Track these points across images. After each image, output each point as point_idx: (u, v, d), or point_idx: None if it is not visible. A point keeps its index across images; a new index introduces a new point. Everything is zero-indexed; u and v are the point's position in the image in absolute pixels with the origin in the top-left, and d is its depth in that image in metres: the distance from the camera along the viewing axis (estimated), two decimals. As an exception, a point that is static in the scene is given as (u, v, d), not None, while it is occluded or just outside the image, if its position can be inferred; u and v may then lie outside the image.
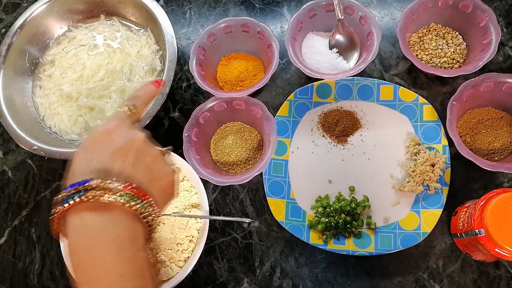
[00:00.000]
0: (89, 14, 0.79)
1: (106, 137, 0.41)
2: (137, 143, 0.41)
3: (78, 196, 0.36)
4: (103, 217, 0.37)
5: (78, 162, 0.39)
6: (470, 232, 0.54)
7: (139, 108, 0.47)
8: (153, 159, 0.42)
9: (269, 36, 0.68)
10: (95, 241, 0.36)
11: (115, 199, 0.37)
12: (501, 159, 0.63)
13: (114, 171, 0.38)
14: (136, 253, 0.37)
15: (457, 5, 0.67)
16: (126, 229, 0.37)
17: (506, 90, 0.62)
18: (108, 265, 0.36)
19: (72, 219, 0.37)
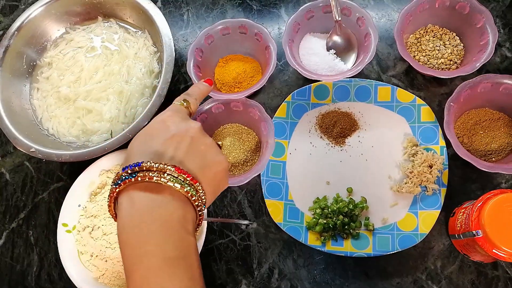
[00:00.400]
0: (87, 16, 0.79)
1: (161, 125, 0.42)
2: (192, 131, 0.43)
3: (130, 178, 0.37)
4: (152, 197, 0.38)
5: (134, 147, 0.41)
6: (467, 233, 0.54)
7: (191, 103, 0.48)
8: (207, 148, 0.43)
9: (267, 37, 0.68)
10: (143, 220, 0.37)
11: (165, 181, 0.37)
12: (498, 160, 0.63)
13: (167, 155, 0.40)
14: (184, 236, 0.38)
15: (454, 6, 0.67)
16: (175, 211, 0.38)
17: (503, 91, 0.62)
18: (156, 244, 0.36)
19: (123, 198, 0.38)
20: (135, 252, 0.36)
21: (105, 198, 0.64)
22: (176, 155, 0.40)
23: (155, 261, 0.36)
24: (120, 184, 0.38)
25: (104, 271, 0.61)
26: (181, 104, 0.47)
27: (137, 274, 0.36)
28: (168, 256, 0.36)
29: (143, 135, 0.42)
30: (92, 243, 0.62)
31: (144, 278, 0.35)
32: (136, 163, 0.38)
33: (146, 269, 0.35)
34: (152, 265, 0.35)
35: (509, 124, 0.64)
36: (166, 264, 0.36)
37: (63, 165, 0.74)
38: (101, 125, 0.71)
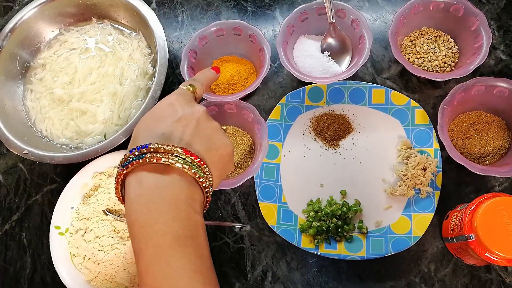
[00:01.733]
0: (81, 17, 0.79)
1: (168, 107, 0.43)
2: (198, 114, 0.43)
3: (137, 159, 0.38)
4: (160, 178, 0.38)
5: (140, 130, 0.41)
6: (460, 237, 0.54)
7: (197, 89, 0.48)
8: (213, 131, 0.43)
9: (261, 39, 0.68)
10: (152, 200, 0.37)
11: (173, 162, 0.38)
12: (492, 163, 0.63)
13: (174, 137, 0.40)
14: (192, 215, 0.38)
15: (448, 8, 0.66)
16: (183, 191, 0.38)
17: (497, 93, 0.61)
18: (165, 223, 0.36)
19: (130, 179, 0.38)
20: (144, 230, 0.36)
21: (98, 201, 0.64)
22: (183, 137, 0.40)
23: (164, 240, 0.36)
24: (128, 166, 0.38)
25: (97, 274, 0.61)
26: (187, 88, 0.47)
27: (146, 252, 0.36)
28: (177, 235, 0.36)
29: (149, 117, 0.42)
30: (85, 246, 0.61)
31: (153, 256, 0.35)
32: (143, 145, 0.38)
33: (155, 247, 0.36)
34: (161, 243, 0.36)
35: (503, 127, 0.64)
36: (175, 242, 0.36)
37: (56, 167, 0.74)
38: (95, 127, 0.71)
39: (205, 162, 0.40)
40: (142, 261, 0.36)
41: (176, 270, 0.35)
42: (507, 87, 0.60)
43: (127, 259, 0.60)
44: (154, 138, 0.40)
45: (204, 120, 0.43)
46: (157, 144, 0.38)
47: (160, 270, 0.35)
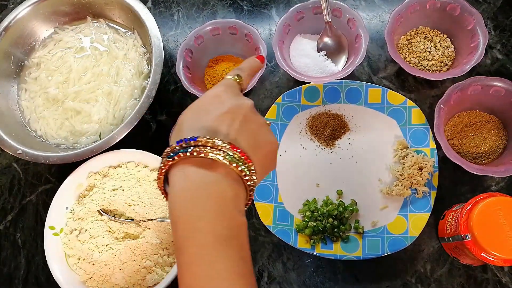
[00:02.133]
0: (76, 16, 0.78)
1: (214, 99, 0.41)
2: (244, 109, 0.41)
3: (184, 152, 0.36)
4: (207, 173, 0.36)
5: (185, 121, 0.40)
6: (456, 237, 0.54)
7: (244, 79, 0.46)
8: (258, 127, 0.41)
9: (257, 38, 0.68)
10: (197, 196, 0.36)
11: (221, 158, 0.36)
12: (488, 163, 0.63)
13: (221, 131, 0.38)
14: (236, 215, 0.37)
15: (445, 7, 0.66)
16: (229, 189, 0.37)
17: (493, 93, 0.61)
18: (209, 221, 0.35)
19: (175, 172, 0.37)
20: (188, 227, 0.35)
21: (93, 201, 0.64)
22: (230, 132, 0.38)
23: (208, 238, 0.35)
24: (174, 157, 0.36)
25: (92, 275, 0.61)
26: (234, 79, 0.45)
27: (190, 250, 0.35)
28: (221, 234, 0.35)
29: (195, 109, 0.41)
30: (79, 246, 0.61)
31: (196, 254, 0.34)
32: (191, 137, 0.37)
33: (199, 245, 0.35)
34: (205, 242, 0.35)
35: (499, 127, 0.64)
36: (218, 242, 0.35)
37: (51, 167, 0.74)
38: (89, 127, 0.70)
39: (251, 159, 0.39)
40: (184, 259, 0.35)
41: (219, 272, 0.34)
42: (503, 86, 0.60)
43: (122, 260, 0.59)
44: (200, 131, 0.38)
45: (250, 115, 0.41)
46: (205, 138, 0.36)
47: (202, 270, 0.34)
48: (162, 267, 0.60)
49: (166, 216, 0.62)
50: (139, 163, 0.66)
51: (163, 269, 0.60)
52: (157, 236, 0.60)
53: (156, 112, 0.74)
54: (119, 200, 0.62)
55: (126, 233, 0.61)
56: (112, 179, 0.65)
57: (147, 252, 0.60)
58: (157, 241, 0.60)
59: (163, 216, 0.62)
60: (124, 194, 0.63)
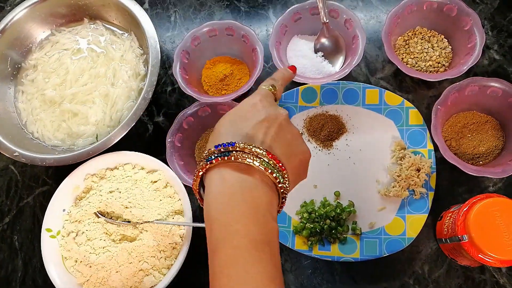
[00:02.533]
0: (72, 17, 0.78)
1: (252, 108, 0.43)
2: (280, 118, 0.43)
3: (222, 156, 0.38)
4: (243, 178, 0.38)
5: (223, 126, 0.42)
6: (454, 238, 0.54)
7: (278, 90, 0.48)
8: (293, 136, 0.43)
9: (254, 39, 0.67)
10: (234, 199, 0.37)
11: (257, 164, 0.38)
12: (486, 163, 0.62)
13: (257, 139, 0.40)
14: (270, 221, 0.38)
15: (442, 8, 0.66)
16: (263, 196, 0.38)
17: (490, 94, 0.61)
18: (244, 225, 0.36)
19: (212, 175, 0.39)
20: (224, 229, 0.36)
21: (90, 203, 0.64)
22: (266, 140, 0.40)
23: (244, 241, 0.36)
24: (212, 161, 0.38)
25: (89, 277, 0.60)
26: (269, 89, 0.47)
27: (224, 251, 0.36)
28: (255, 238, 0.36)
29: (233, 116, 0.42)
30: (76, 249, 0.61)
31: (231, 256, 0.35)
32: (229, 143, 0.39)
33: (233, 248, 0.35)
34: (241, 244, 0.35)
35: (497, 127, 0.63)
36: (253, 247, 0.36)
37: (48, 169, 0.73)
38: (86, 129, 0.70)
39: (285, 168, 0.40)
40: (218, 260, 0.36)
41: (252, 276, 0.35)
42: (500, 87, 0.60)
43: (119, 262, 0.59)
44: (237, 137, 0.40)
45: (286, 125, 0.43)
46: (242, 144, 0.38)
47: (236, 273, 0.35)
48: (159, 270, 0.60)
49: (163, 218, 0.61)
50: (136, 165, 0.66)
51: (160, 272, 0.60)
52: (154, 239, 0.60)
53: (153, 113, 0.74)
54: (116, 202, 0.62)
55: (123, 235, 0.61)
56: (109, 181, 0.65)
57: (144, 254, 0.60)
58: (154, 244, 0.60)
59: (160, 218, 0.61)
60: (121, 196, 0.63)
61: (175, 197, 0.63)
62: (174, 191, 0.64)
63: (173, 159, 0.63)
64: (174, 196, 0.63)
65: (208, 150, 0.39)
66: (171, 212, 0.62)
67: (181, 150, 0.65)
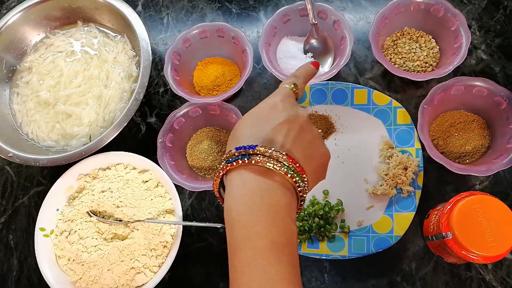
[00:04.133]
0: (66, 20, 0.79)
1: (271, 109, 0.43)
2: (300, 120, 0.43)
3: (243, 159, 0.38)
4: (263, 181, 0.38)
5: (243, 128, 0.42)
6: (439, 235, 0.55)
7: (300, 88, 0.48)
8: (313, 138, 0.43)
9: (243, 41, 0.68)
10: (254, 202, 0.38)
11: (278, 168, 0.38)
12: (472, 162, 0.63)
13: (277, 141, 0.40)
14: (289, 223, 0.38)
15: (428, 9, 0.67)
16: (283, 198, 0.39)
17: (476, 93, 0.62)
18: (265, 227, 0.37)
19: (233, 177, 0.39)
20: (244, 230, 0.37)
21: (82, 202, 0.65)
22: (286, 143, 0.40)
23: (264, 243, 0.36)
24: (233, 163, 0.39)
25: (81, 275, 0.61)
26: (291, 88, 0.46)
27: (245, 252, 0.36)
28: (275, 240, 0.37)
29: (253, 117, 0.43)
30: (69, 247, 0.62)
31: (251, 257, 0.36)
32: (250, 146, 0.39)
33: (254, 249, 0.36)
34: (260, 246, 0.36)
35: (483, 126, 0.64)
36: (273, 248, 0.36)
37: (43, 170, 0.75)
38: (80, 130, 0.71)
39: (305, 171, 0.40)
40: (239, 261, 0.37)
41: (272, 277, 0.35)
42: (485, 86, 0.61)
43: (110, 260, 0.60)
44: (258, 139, 0.40)
45: (306, 126, 0.43)
46: (263, 147, 0.39)
47: (257, 273, 0.36)
48: (150, 268, 0.61)
49: (153, 217, 0.63)
50: (128, 165, 0.67)
51: (151, 270, 0.61)
52: (145, 237, 0.61)
53: (146, 114, 0.75)
54: (107, 202, 0.63)
55: (114, 234, 0.62)
56: (101, 181, 0.66)
57: (135, 252, 0.61)
58: (145, 242, 0.61)
59: (151, 217, 0.62)
60: (113, 196, 0.64)
61: (166, 196, 0.64)
62: (165, 191, 0.65)
63: (164, 159, 0.64)
64: (165, 195, 0.64)
65: (229, 151, 0.40)
66: (162, 211, 0.63)
67: (172, 150, 0.66)
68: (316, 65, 0.52)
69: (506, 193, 0.63)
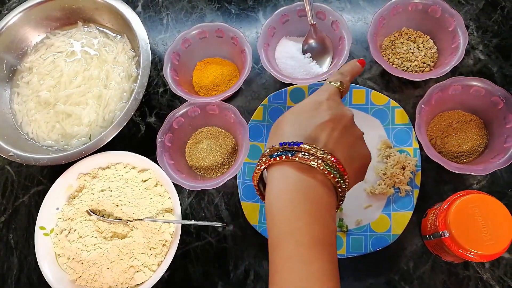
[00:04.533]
0: (67, 21, 0.80)
1: (316, 107, 0.42)
2: (345, 120, 0.42)
3: (287, 155, 0.39)
4: (306, 178, 0.39)
5: (287, 124, 0.42)
6: (436, 234, 0.55)
7: (346, 86, 0.47)
8: (356, 139, 0.43)
9: (242, 41, 0.69)
10: (297, 198, 0.38)
11: (322, 167, 0.38)
12: (470, 161, 0.63)
13: (320, 140, 0.40)
14: (329, 221, 0.39)
15: (426, 9, 0.67)
16: (324, 196, 0.39)
17: (473, 93, 0.62)
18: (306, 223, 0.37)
19: (274, 171, 0.40)
20: (286, 225, 0.37)
21: (82, 201, 0.65)
22: (329, 142, 0.40)
23: (306, 239, 0.37)
24: (276, 158, 0.39)
25: (81, 274, 0.62)
26: (337, 86, 0.46)
27: (286, 247, 0.37)
28: (317, 237, 0.37)
29: (298, 113, 0.42)
30: (68, 246, 0.62)
31: (293, 252, 0.36)
32: (295, 142, 0.39)
33: (295, 244, 0.37)
34: (303, 241, 0.37)
35: (481, 126, 0.64)
36: (314, 244, 0.37)
37: (43, 169, 0.75)
38: (80, 129, 0.72)
39: (347, 172, 0.40)
40: (280, 254, 0.37)
41: (313, 272, 0.36)
42: (482, 86, 0.61)
43: (110, 259, 0.60)
44: (301, 136, 0.40)
45: (349, 127, 0.43)
46: (308, 145, 0.39)
47: (299, 267, 0.36)
48: (149, 266, 0.61)
49: (153, 216, 0.63)
50: (127, 165, 0.67)
51: (150, 268, 0.61)
52: (144, 236, 0.61)
53: (145, 114, 0.76)
54: (107, 201, 0.63)
55: (114, 233, 0.63)
56: (101, 180, 0.66)
57: (134, 251, 0.61)
58: (144, 241, 0.61)
59: (150, 216, 0.63)
60: (112, 195, 0.64)
61: (165, 195, 0.65)
62: (164, 190, 0.65)
63: (163, 159, 0.64)
64: (164, 194, 0.65)
65: (272, 146, 0.40)
66: (161, 210, 0.64)
67: (171, 149, 0.67)
68: (362, 62, 0.51)
69: (503, 192, 0.63)
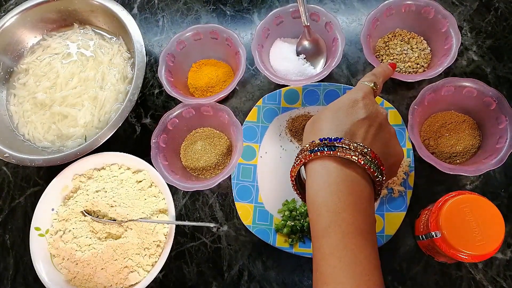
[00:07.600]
0: (63, 23, 0.80)
1: (352, 105, 0.44)
2: (380, 118, 0.44)
3: (328, 150, 0.40)
4: (347, 172, 0.40)
5: (325, 121, 0.44)
6: (428, 234, 0.55)
7: (379, 86, 0.49)
8: (391, 136, 0.45)
9: (236, 43, 0.69)
10: (341, 190, 0.40)
11: (362, 161, 0.40)
12: (463, 162, 0.64)
13: (358, 136, 0.42)
14: (371, 213, 0.41)
15: (419, 11, 0.68)
16: (365, 189, 0.41)
17: (466, 94, 0.63)
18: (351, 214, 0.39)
19: (315, 165, 0.41)
20: (332, 216, 0.39)
21: (77, 202, 0.65)
22: (366, 138, 0.42)
23: (351, 229, 0.38)
24: (317, 152, 0.41)
25: (76, 274, 0.62)
26: (371, 87, 0.47)
27: (334, 236, 0.38)
28: (360, 227, 0.39)
29: (335, 111, 0.44)
30: (63, 246, 0.63)
31: (341, 241, 0.38)
32: (336, 138, 0.41)
33: (343, 233, 0.38)
34: (349, 231, 0.38)
35: (474, 127, 0.65)
36: (359, 234, 0.39)
37: (39, 170, 0.75)
38: (75, 130, 0.72)
39: (384, 166, 0.42)
40: (328, 243, 0.39)
41: (361, 260, 0.38)
42: (474, 87, 0.61)
43: (104, 259, 0.61)
44: (340, 132, 0.42)
45: (384, 125, 0.44)
46: (348, 140, 0.40)
47: (346, 255, 0.38)
48: (144, 267, 0.61)
49: (147, 217, 0.63)
50: (122, 165, 0.68)
51: (145, 268, 0.61)
52: (138, 236, 0.62)
53: (141, 115, 0.76)
54: (102, 201, 0.64)
55: (108, 233, 0.63)
56: (96, 181, 0.67)
57: (128, 251, 0.61)
58: (138, 241, 0.62)
59: (145, 217, 0.63)
60: (107, 196, 0.64)
61: (159, 196, 0.65)
62: (159, 191, 0.65)
63: (158, 160, 0.65)
64: (158, 195, 0.65)
65: (312, 142, 0.42)
66: (155, 211, 0.64)
67: (166, 150, 0.67)
68: (393, 66, 0.54)
69: (496, 193, 0.63)
